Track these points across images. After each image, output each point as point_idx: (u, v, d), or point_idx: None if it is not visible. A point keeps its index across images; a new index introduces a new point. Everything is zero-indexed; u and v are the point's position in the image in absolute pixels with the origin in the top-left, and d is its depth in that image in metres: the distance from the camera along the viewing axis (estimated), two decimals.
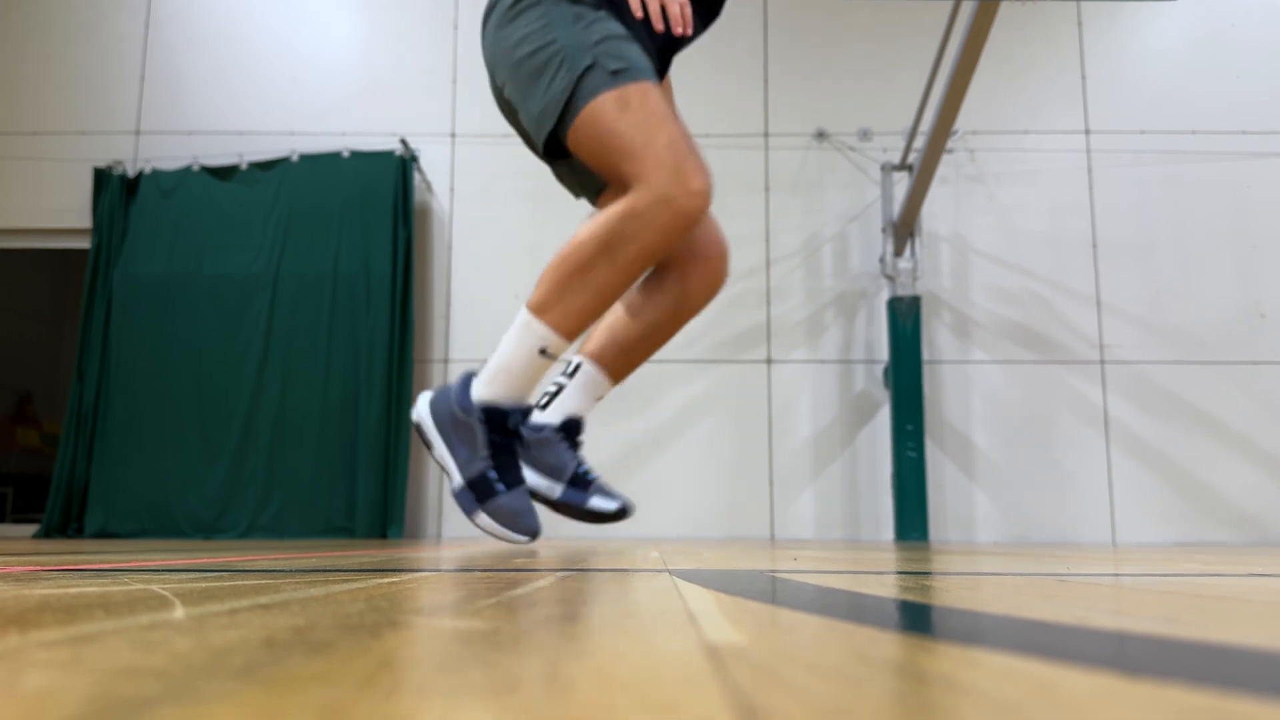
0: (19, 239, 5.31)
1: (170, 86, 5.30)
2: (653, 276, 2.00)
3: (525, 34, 1.83)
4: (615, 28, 1.82)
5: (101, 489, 4.72)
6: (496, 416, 1.84)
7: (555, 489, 1.96)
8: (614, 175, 1.78)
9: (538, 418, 1.98)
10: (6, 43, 5.34)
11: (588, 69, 1.77)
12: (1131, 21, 5.27)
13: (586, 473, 1.99)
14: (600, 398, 2.05)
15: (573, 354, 2.04)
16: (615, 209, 1.72)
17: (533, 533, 1.83)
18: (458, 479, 1.83)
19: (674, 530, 4.75)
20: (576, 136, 1.79)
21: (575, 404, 2.00)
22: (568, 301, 1.80)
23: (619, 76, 1.77)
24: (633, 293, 2.01)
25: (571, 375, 2.03)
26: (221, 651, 0.30)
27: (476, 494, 1.83)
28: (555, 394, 2.02)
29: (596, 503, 1.97)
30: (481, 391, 1.86)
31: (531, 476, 1.95)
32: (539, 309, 1.83)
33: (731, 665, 0.28)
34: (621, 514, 1.98)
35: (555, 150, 1.86)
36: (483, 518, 1.82)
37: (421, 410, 1.89)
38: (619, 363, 2.02)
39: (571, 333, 1.81)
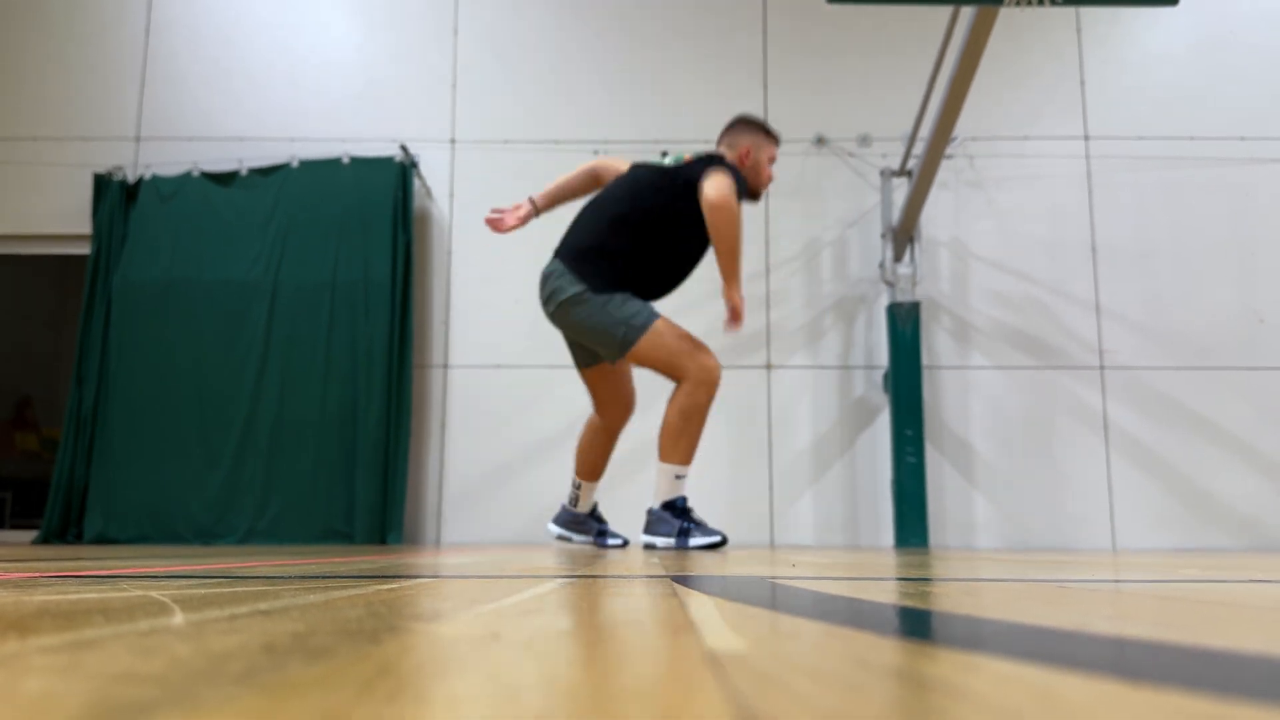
0: (19, 244, 5.31)
1: (171, 92, 5.31)
2: (597, 425, 3.49)
3: (593, 311, 3.15)
4: (636, 299, 3.18)
5: (101, 494, 4.71)
6: (674, 504, 3.18)
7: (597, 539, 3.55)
8: (667, 369, 3.15)
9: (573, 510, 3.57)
10: (7, 48, 5.35)
11: (646, 319, 3.13)
12: (1130, 28, 5.28)
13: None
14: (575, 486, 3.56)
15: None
16: (687, 392, 3.13)
17: (722, 534, 3.12)
18: (671, 540, 3.10)
19: None
20: (641, 348, 3.12)
21: (590, 501, 3.57)
22: (682, 447, 3.17)
23: (654, 317, 3.14)
24: (590, 437, 3.50)
25: (578, 488, 3.54)
26: (221, 657, 0.30)
27: (686, 536, 3.09)
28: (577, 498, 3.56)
29: (610, 542, 3.52)
30: (658, 503, 3.19)
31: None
32: (668, 458, 3.18)
33: (732, 671, 0.28)
34: (625, 545, 3.48)
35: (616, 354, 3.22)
36: (694, 539, 3.08)
37: (657, 541, 3.13)
38: (596, 473, 3.53)
39: (687, 462, 3.20)
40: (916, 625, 0.45)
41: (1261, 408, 4.86)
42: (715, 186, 3.04)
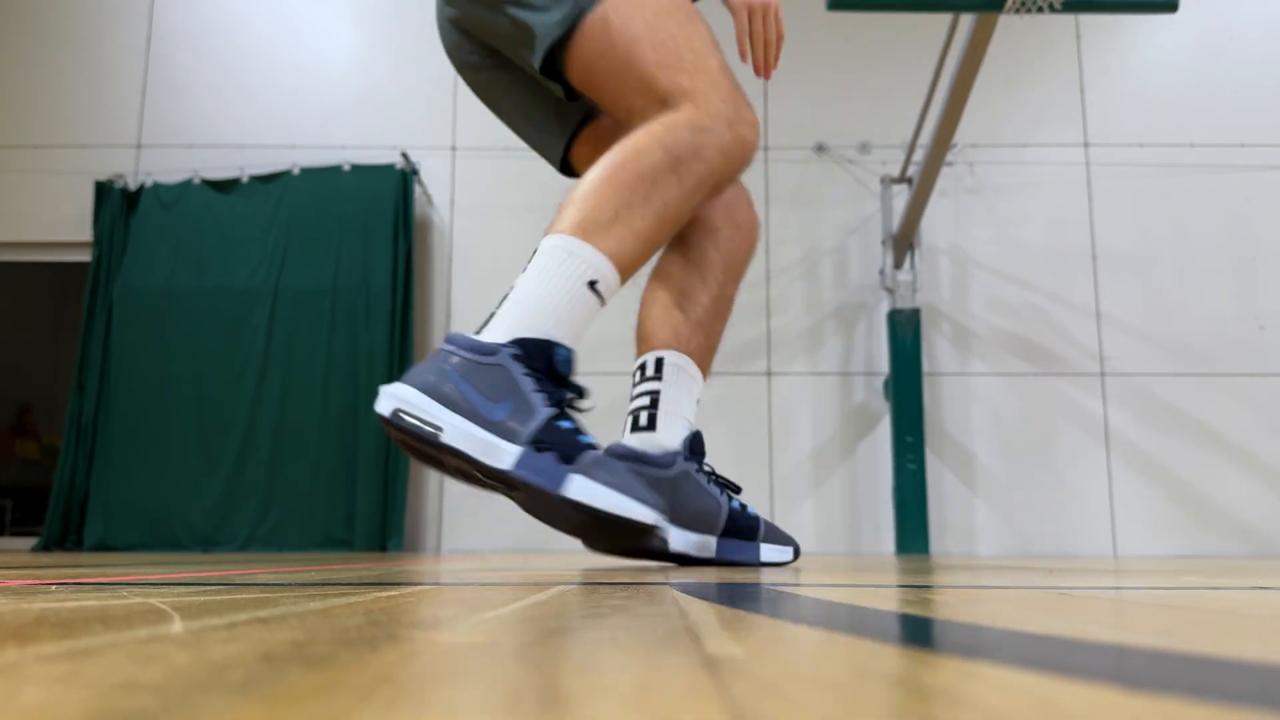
0: (19, 252, 5.32)
1: (171, 100, 5.32)
2: (686, 246, 1.68)
3: None
4: None
5: (101, 501, 4.71)
6: (537, 349, 1.25)
7: (710, 544, 1.50)
8: (646, 87, 1.44)
9: (640, 444, 1.51)
10: (7, 56, 5.36)
11: None
12: (1130, 34, 5.29)
13: (744, 509, 1.55)
14: (698, 401, 1.60)
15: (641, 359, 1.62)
16: (675, 118, 1.40)
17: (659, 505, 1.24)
18: (511, 445, 1.16)
19: None
20: (596, 39, 1.45)
21: (686, 409, 1.54)
22: (626, 221, 1.33)
23: None
24: (674, 266, 1.68)
25: (658, 374, 1.56)
26: (220, 666, 0.30)
27: (558, 453, 1.17)
28: (652, 404, 1.52)
29: (770, 554, 1.55)
30: (500, 334, 1.30)
31: (676, 535, 1.46)
32: (584, 231, 1.33)
33: (731, 679, 0.28)
34: (796, 557, 1.62)
35: (552, 68, 1.53)
36: (581, 484, 1.15)
37: (396, 394, 1.21)
38: (703, 348, 1.63)
39: (627, 265, 1.36)
40: (917, 632, 0.45)
41: (1262, 414, 4.86)
42: None
